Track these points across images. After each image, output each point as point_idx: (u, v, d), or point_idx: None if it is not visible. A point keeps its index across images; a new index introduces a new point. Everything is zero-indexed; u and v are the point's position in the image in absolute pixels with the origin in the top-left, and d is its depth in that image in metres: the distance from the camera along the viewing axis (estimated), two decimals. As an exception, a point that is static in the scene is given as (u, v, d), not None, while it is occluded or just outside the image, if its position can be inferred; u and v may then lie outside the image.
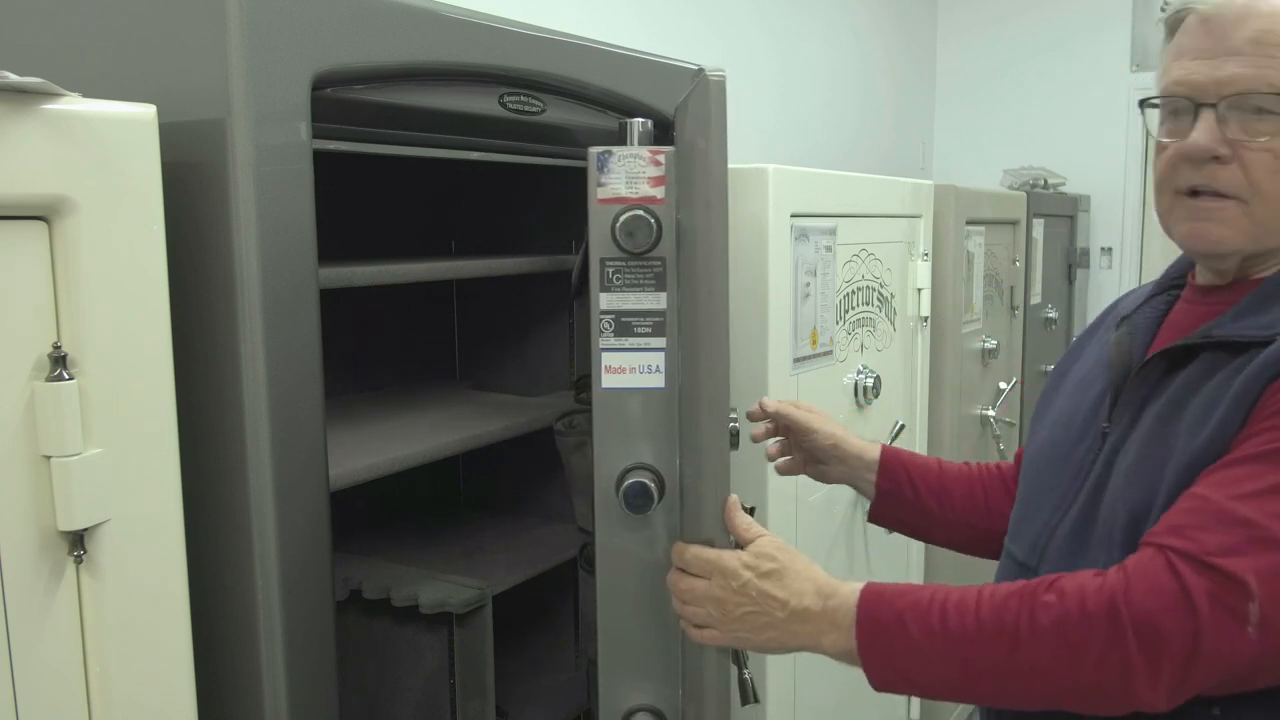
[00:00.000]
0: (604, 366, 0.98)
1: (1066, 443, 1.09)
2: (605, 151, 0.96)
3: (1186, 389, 0.97)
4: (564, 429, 1.26)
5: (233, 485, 0.93)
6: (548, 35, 1.23)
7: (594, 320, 0.98)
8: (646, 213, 0.95)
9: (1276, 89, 0.93)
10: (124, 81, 0.95)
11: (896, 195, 2.27)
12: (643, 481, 0.97)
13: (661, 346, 0.98)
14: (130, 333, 0.82)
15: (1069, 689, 0.88)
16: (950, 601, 0.92)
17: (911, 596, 0.94)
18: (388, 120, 1.09)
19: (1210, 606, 0.83)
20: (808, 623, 0.97)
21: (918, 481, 1.31)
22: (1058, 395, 1.18)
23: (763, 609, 0.97)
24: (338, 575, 1.20)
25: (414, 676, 1.41)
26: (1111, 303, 1.23)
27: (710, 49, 2.76)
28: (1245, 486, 0.87)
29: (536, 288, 1.71)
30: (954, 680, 0.93)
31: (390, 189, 1.69)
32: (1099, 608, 0.86)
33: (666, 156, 0.96)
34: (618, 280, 0.97)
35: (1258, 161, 0.95)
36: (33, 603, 0.77)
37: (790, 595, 0.97)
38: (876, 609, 0.94)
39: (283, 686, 0.94)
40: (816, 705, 1.98)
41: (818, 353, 1.92)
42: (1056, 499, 1.08)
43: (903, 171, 3.60)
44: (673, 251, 0.97)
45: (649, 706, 1.03)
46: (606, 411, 0.99)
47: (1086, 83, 4.15)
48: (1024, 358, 3.18)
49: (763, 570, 0.97)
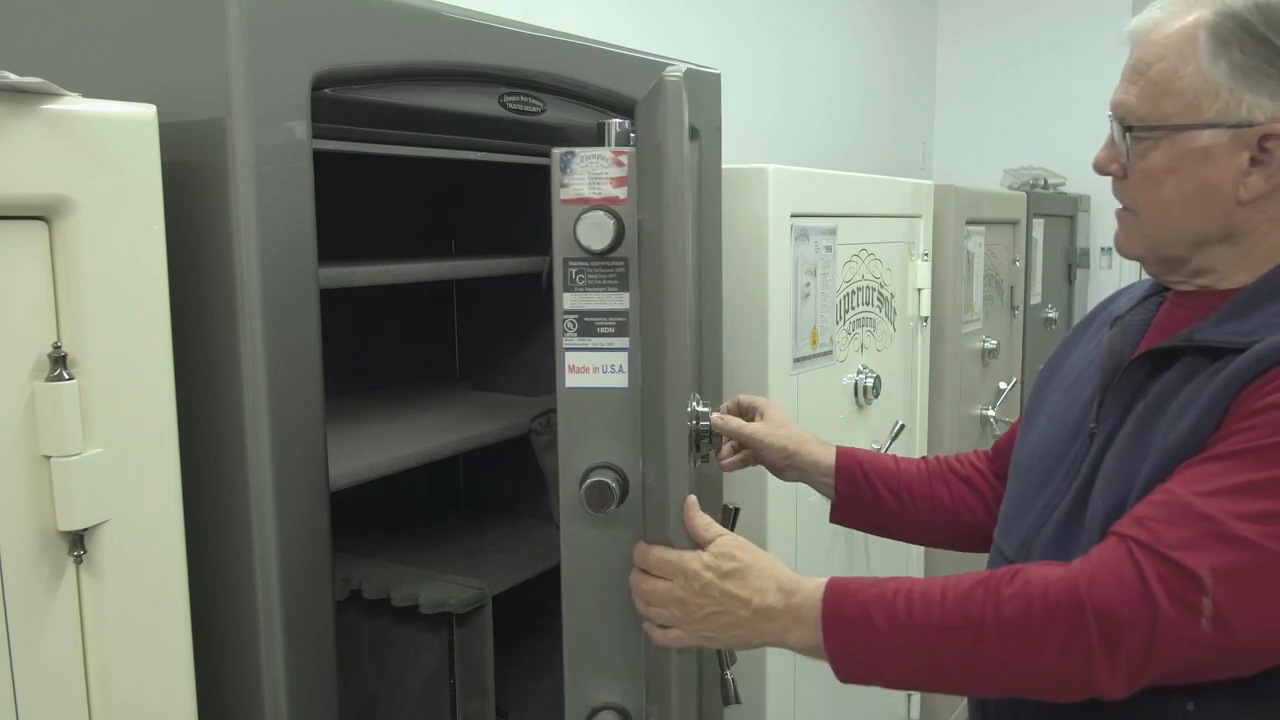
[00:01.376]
0: (568, 366, 0.98)
1: (1058, 443, 1.11)
2: (568, 152, 0.96)
3: (1167, 391, 0.99)
4: (539, 428, 1.26)
5: (233, 485, 0.93)
6: (548, 35, 1.23)
7: (557, 320, 0.98)
8: (608, 213, 0.95)
9: (1134, 113, 1.01)
10: (124, 81, 0.95)
11: (896, 195, 2.27)
12: (604, 481, 0.97)
13: (624, 346, 0.98)
14: (130, 333, 0.82)
15: (1033, 678, 0.90)
16: (915, 592, 0.93)
17: (876, 589, 0.95)
18: (388, 120, 1.09)
19: (1167, 597, 0.85)
20: (772, 620, 0.97)
21: (875, 480, 1.32)
22: (1050, 393, 1.19)
23: (726, 609, 0.97)
24: (338, 575, 1.20)
25: (414, 676, 1.41)
26: (1105, 299, 1.25)
27: (710, 49, 2.76)
28: (1211, 484, 0.89)
29: (537, 288, 1.71)
30: (920, 670, 0.94)
31: (390, 189, 1.69)
32: (1061, 597, 0.88)
33: (629, 157, 0.96)
34: (581, 280, 0.97)
35: (1134, 179, 1.04)
36: (33, 603, 0.77)
37: (753, 594, 0.97)
38: (841, 603, 0.95)
39: (283, 686, 0.94)
40: (817, 704, 1.98)
41: (818, 353, 1.93)
42: (1046, 498, 1.09)
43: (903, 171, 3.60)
44: (635, 251, 0.97)
45: (614, 705, 1.03)
46: (570, 411, 0.99)
47: (1086, 83, 4.15)
48: (1024, 358, 3.18)
49: (724, 570, 0.98)
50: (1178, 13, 1.00)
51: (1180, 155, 0.99)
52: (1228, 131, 0.97)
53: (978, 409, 2.81)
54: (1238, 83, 0.96)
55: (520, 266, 1.50)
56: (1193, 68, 0.97)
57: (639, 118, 0.96)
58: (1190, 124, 0.98)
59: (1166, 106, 0.99)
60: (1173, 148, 0.99)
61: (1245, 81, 0.96)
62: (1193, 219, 1.01)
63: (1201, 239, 1.01)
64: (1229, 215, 0.99)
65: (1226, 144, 0.97)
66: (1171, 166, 1.00)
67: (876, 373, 2.12)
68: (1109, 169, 1.06)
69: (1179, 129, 0.98)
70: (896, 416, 2.26)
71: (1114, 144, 1.05)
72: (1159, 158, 1.00)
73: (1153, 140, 1.00)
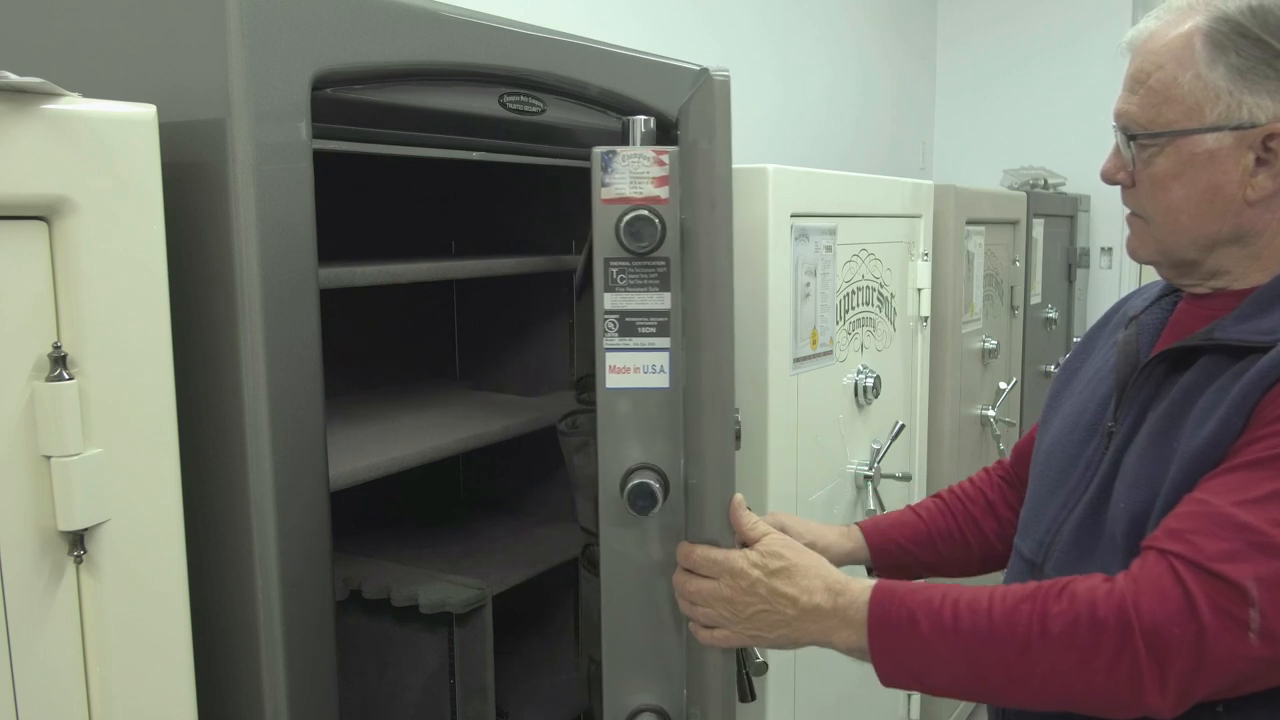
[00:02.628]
0: (608, 366, 0.98)
1: (1074, 442, 1.11)
2: (609, 151, 0.96)
3: (1189, 391, 0.99)
4: (567, 429, 1.26)
5: (233, 485, 0.93)
6: (548, 35, 1.23)
7: (598, 320, 0.98)
8: (651, 213, 0.95)
9: (1137, 122, 1.02)
10: (124, 81, 0.95)
11: (896, 195, 2.27)
12: (647, 482, 0.97)
13: (666, 346, 0.98)
14: (130, 333, 0.82)
15: (1079, 694, 0.89)
16: (963, 601, 0.93)
17: (923, 595, 0.95)
18: (388, 120, 1.09)
19: (1213, 613, 0.84)
20: (819, 619, 0.97)
21: (906, 544, 1.31)
22: (1067, 394, 1.20)
23: (773, 607, 0.98)
24: (338, 575, 1.20)
25: (414, 676, 1.41)
26: (1120, 299, 1.25)
27: (710, 49, 2.76)
28: (1246, 492, 0.88)
29: (536, 288, 1.72)
30: (963, 679, 0.93)
31: (390, 189, 1.69)
32: (1109, 614, 0.87)
33: (670, 156, 0.96)
34: (622, 280, 0.97)
35: (1142, 186, 1.04)
36: (33, 603, 0.77)
37: (800, 592, 0.98)
38: (888, 607, 0.95)
39: (283, 686, 0.94)
40: (817, 704, 1.98)
41: (818, 353, 1.92)
42: (1063, 498, 1.09)
43: (902, 171, 3.60)
44: (677, 251, 0.97)
45: (653, 706, 1.03)
46: (611, 411, 0.99)
47: (1086, 83, 4.15)
48: (1024, 358, 3.18)
49: (771, 569, 0.98)
50: (1173, 21, 1.01)
51: (1186, 160, 1.00)
52: (1231, 133, 0.97)
53: (978, 409, 2.81)
54: (1237, 85, 0.97)
55: (520, 266, 1.50)
56: (1192, 73, 0.98)
57: (683, 117, 0.96)
58: (1193, 128, 0.99)
59: (1169, 113, 1.00)
60: (1178, 153, 1.00)
61: (1244, 83, 0.96)
62: (1203, 222, 1.01)
63: (1213, 241, 1.02)
64: (1238, 216, 1.00)
65: (1231, 146, 0.98)
66: (1178, 171, 1.00)
67: (876, 373, 2.12)
68: (1116, 178, 1.07)
69: (1183, 134, 0.99)
70: (896, 416, 2.26)
71: (1120, 153, 1.05)
72: (1165, 164, 1.01)
73: (1157, 147, 1.01)
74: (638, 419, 0.99)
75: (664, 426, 0.99)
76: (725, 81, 0.93)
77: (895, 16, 4.09)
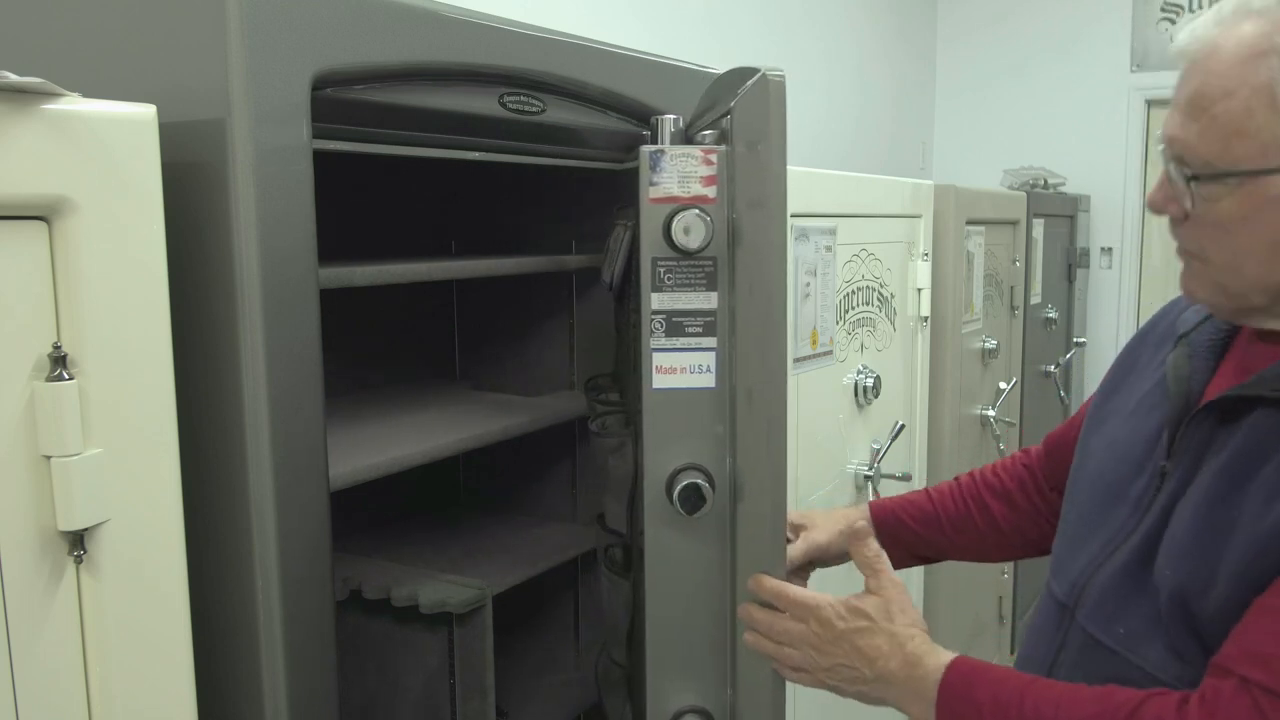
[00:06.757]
0: (655, 367, 0.98)
1: (1121, 477, 1.02)
2: (658, 151, 0.96)
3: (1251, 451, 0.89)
4: (599, 430, 1.25)
5: (233, 485, 0.93)
6: (548, 35, 1.22)
7: (644, 320, 0.98)
8: (702, 212, 0.95)
9: (1200, 156, 0.88)
10: (124, 81, 0.95)
11: (896, 195, 2.27)
12: (696, 483, 0.97)
13: (712, 346, 0.98)
14: (130, 333, 0.82)
15: None
16: (1028, 701, 0.90)
17: (994, 688, 0.92)
18: (388, 120, 1.09)
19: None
20: (892, 686, 0.97)
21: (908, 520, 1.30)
22: (1110, 411, 1.10)
23: (852, 664, 0.98)
24: (338, 575, 1.20)
25: (414, 676, 1.41)
26: (1163, 308, 1.14)
27: (710, 49, 2.76)
28: None
29: (536, 288, 1.71)
30: None
31: (390, 189, 1.69)
32: None
33: (719, 156, 0.96)
34: (669, 280, 0.97)
35: (1202, 227, 0.91)
36: (33, 603, 0.77)
37: (878, 656, 0.97)
38: (956, 692, 0.94)
39: (283, 686, 0.94)
40: (817, 703, 1.97)
41: (818, 353, 1.92)
42: (1106, 536, 1.01)
43: (902, 171, 3.60)
44: (724, 251, 0.97)
45: (697, 707, 1.03)
46: (657, 412, 0.99)
47: (1086, 83, 4.15)
48: (1024, 358, 3.18)
49: (855, 626, 0.98)
50: (1238, 32, 0.86)
51: (1258, 204, 0.87)
52: None
53: (977, 409, 2.81)
54: None
55: (520, 266, 1.50)
56: (1268, 104, 0.84)
57: (736, 116, 0.96)
58: (1270, 169, 0.85)
59: (1238, 149, 0.86)
60: (1249, 196, 0.87)
61: None
62: (1275, 269, 0.88)
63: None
64: None
65: None
66: (1247, 215, 0.87)
67: (876, 373, 2.12)
68: (1168, 210, 0.93)
69: (1256, 174, 0.86)
70: (896, 416, 2.26)
71: (1170, 182, 0.92)
72: (1232, 206, 0.88)
73: (1225, 187, 0.87)
74: (683, 419, 0.99)
75: (709, 427, 0.99)
76: (781, 81, 0.93)
77: (895, 16, 4.09)
